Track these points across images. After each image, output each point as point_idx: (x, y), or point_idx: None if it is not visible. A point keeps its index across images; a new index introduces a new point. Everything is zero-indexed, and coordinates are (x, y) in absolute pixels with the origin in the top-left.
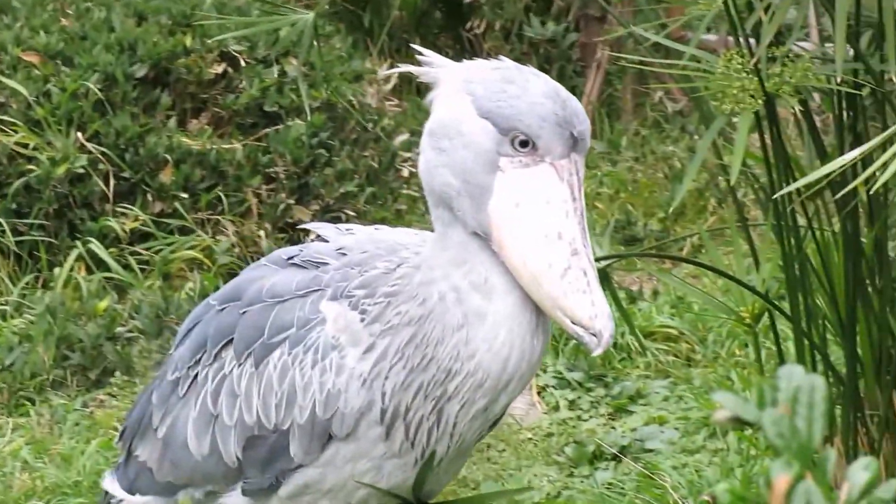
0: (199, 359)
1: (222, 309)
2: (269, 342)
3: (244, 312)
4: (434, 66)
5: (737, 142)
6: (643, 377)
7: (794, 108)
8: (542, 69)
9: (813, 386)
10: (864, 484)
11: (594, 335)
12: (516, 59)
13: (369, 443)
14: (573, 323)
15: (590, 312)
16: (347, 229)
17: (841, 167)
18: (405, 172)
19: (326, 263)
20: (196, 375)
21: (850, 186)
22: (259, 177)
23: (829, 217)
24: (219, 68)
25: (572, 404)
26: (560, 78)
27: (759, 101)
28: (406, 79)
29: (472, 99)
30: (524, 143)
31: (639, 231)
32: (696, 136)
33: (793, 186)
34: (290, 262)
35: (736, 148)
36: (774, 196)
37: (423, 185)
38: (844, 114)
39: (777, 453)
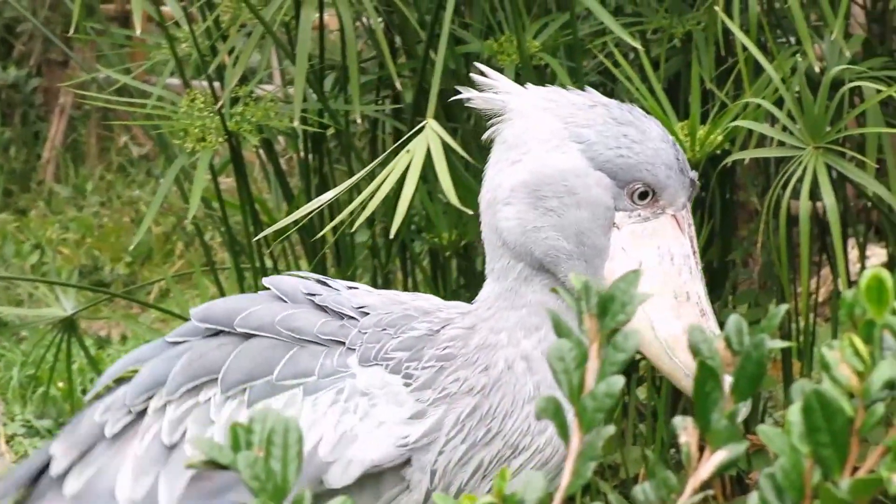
0: (152, 395)
1: (206, 336)
2: (276, 383)
3: (249, 338)
4: (501, 91)
5: (195, 179)
6: None
7: (256, 149)
8: (4, 116)
9: (287, 427)
10: None
11: None
12: None
13: None
14: None
15: None
16: (349, 286)
17: (309, 214)
18: None
19: (353, 318)
20: (142, 413)
21: (321, 234)
22: None
23: (297, 258)
24: None
25: None
26: (23, 124)
27: (221, 139)
28: None
29: (581, 147)
30: (644, 195)
31: (106, 276)
32: (161, 180)
33: (263, 234)
34: (309, 297)
35: (194, 186)
36: (248, 239)
37: (506, 242)
38: (310, 156)
39: (255, 495)
